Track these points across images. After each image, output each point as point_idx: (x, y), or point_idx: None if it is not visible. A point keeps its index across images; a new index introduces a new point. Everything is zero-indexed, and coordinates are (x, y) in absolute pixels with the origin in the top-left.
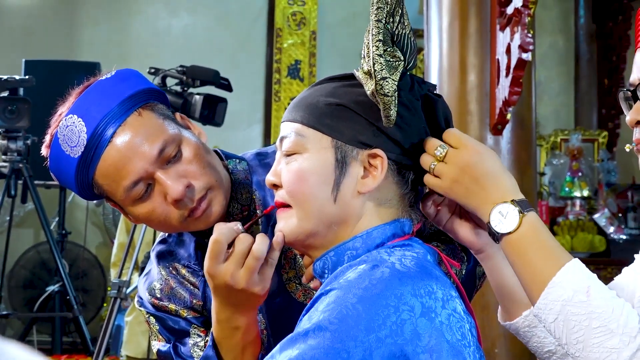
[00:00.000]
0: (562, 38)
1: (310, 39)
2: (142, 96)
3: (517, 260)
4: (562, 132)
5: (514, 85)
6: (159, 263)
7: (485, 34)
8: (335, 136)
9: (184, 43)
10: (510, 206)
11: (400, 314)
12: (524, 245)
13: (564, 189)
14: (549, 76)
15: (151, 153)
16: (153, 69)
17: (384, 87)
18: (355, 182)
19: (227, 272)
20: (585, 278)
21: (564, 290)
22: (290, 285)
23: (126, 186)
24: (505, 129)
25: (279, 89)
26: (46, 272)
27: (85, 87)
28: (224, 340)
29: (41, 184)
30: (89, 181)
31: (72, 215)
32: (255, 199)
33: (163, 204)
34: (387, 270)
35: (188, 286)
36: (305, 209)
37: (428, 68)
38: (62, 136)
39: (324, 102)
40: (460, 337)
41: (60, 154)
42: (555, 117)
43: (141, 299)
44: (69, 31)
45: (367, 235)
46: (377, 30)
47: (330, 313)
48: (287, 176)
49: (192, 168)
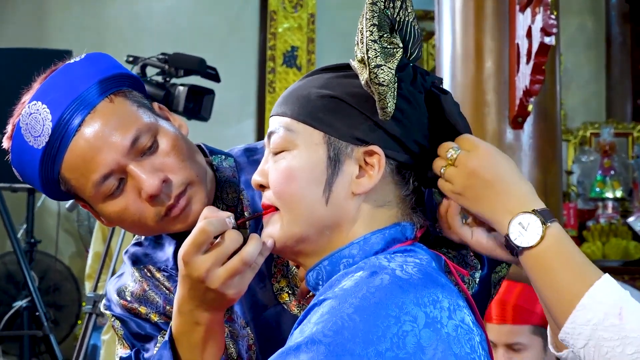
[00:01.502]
0: (591, 19)
1: (308, 22)
2: (115, 81)
3: (541, 277)
4: (592, 126)
5: (535, 73)
6: (133, 265)
7: (503, 15)
8: (328, 131)
9: (166, 28)
10: (531, 216)
11: (402, 325)
12: (547, 260)
13: (595, 189)
14: (577, 62)
15: (123, 143)
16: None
17: (378, 75)
18: (350, 182)
19: (203, 266)
20: (617, 298)
21: (594, 313)
22: (282, 295)
23: (95, 180)
24: (527, 122)
25: (273, 79)
26: (13, 286)
27: (52, 72)
28: (183, 335)
29: (7, 187)
30: (55, 176)
31: (42, 222)
32: (243, 199)
33: (137, 201)
34: (386, 278)
35: (163, 290)
36: (294, 211)
37: (440, 54)
38: (25, 125)
39: (316, 94)
40: (469, 350)
41: (22, 145)
42: (584, 109)
43: (109, 301)
44: (38, 16)
45: (364, 241)
46: (372, 14)
47: (325, 325)
48: (274, 176)
49: (170, 161)
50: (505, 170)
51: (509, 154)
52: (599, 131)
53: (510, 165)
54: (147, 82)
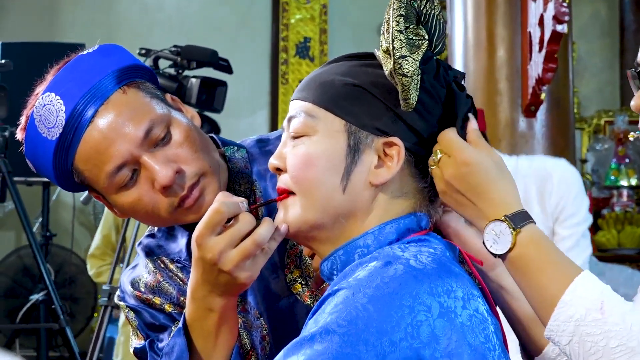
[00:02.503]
0: (604, 6)
1: (320, 13)
2: (128, 73)
3: (521, 280)
4: (606, 114)
5: (548, 61)
6: (147, 256)
7: (515, 3)
8: (349, 120)
9: (178, 20)
10: (502, 224)
11: (416, 315)
12: (524, 264)
13: (609, 178)
14: (591, 50)
15: (136, 134)
16: (144, 49)
17: (402, 66)
18: (368, 172)
19: (217, 247)
20: (597, 293)
21: (575, 309)
22: (296, 286)
23: (109, 171)
24: (539, 110)
25: (286, 70)
26: (29, 279)
27: (65, 63)
28: (196, 322)
29: (22, 181)
30: (69, 167)
31: (57, 215)
32: (256, 191)
33: (150, 192)
34: (400, 267)
35: (177, 281)
36: (310, 197)
37: (452, 42)
38: (39, 116)
39: (339, 81)
40: (483, 339)
41: (36, 136)
42: (598, 97)
43: (123, 292)
44: (50, 10)
45: (379, 231)
46: (399, 5)
47: (339, 315)
48: (292, 160)
49: (183, 152)
50: (479, 178)
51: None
52: (613, 119)
53: (485, 167)
54: (159, 75)
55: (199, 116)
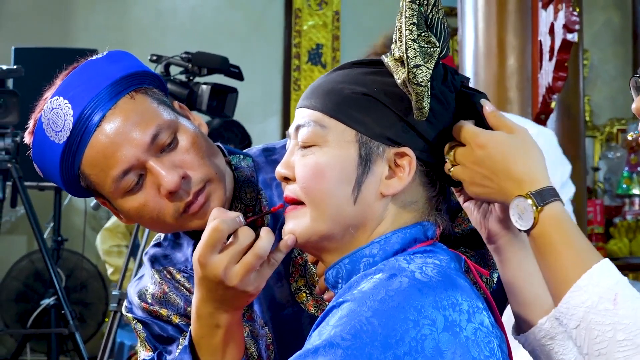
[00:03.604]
0: (617, 14)
1: (333, 20)
2: (136, 79)
3: (541, 258)
4: (619, 122)
5: (558, 70)
6: (153, 266)
7: (526, 11)
8: (360, 130)
9: (191, 27)
10: (526, 201)
11: (421, 329)
12: (545, 243)
13: (621, 186)
14: (603, 58)
15: (143, 139)
16: (155, 56)
17: (417, 75)
18: (379, 183)
19: (220, 265)
20: (613, 283)
21: (588, 296)
22: (300, 295)
23: (115, 176)
24: (550, 119)
25: (298, 77)
26: (41, 284)
27: (74, 68)
28: (203, 339)
29: (34, 185)
30: (75, 171)
31: (69, 220)
32: (262, 199)
33: (156, 197)
34: (405, 280)
35: (183, 292)
36: (321, 208)
37: (462, 51)
38: (47, 120)
39: (348, 90)
40: (488, 353)
41: (44, 140)
42: (610, 105)
43: (130, 303)
44: (63, 15)
45: (385, 241)
46: (411, 13)
47: (343, 328)
48: (302, 171)
49: (189, 158)
50: (498, 156)
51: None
52: (626, 127)
53: (503, 146)
54: (170, 81)
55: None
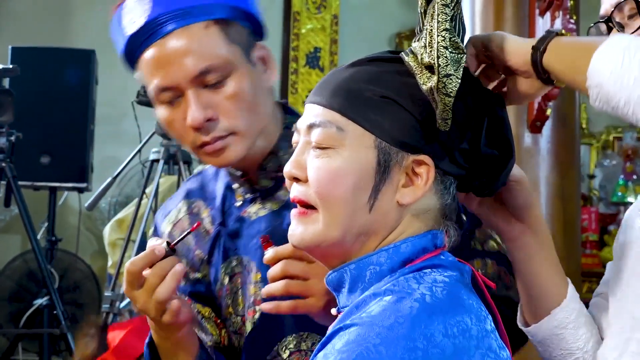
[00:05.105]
0: None
1: (331, 23)
2: (224, 10)
3: (558, 69)
4: (615, 130)
5: None
6: (185, 197)
7: (523, 19)
8: (379, 135)
9: None
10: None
11: (429, 358)
12: (562, 45)
13: (617, 194)
14: None
15: (191, 70)
16: None
17: (447, 85)
18: (396, 191)
19: (141, 300)
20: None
21: (620, 40)
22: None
23: (155, 86)
24: (545, 126)
25: (296, 80)
26: (34, 284)
27: None
28: (157, 341)
29: (29, 185)
30: (135, 60)
31: (63, 220)
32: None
33: (182, 122)
34: (416, 306)
35: (200, 231)
36: (334, 215)
37: None
38: (127, 8)
39: (367, 90)
40: None
41: (119, 22)
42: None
43: (156, 227)
44: (61, 15)
45: (394, 250)
46: (445, 17)
47: (349, 354)
48: (317, 174)
49: (226, 104)
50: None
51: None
52: (621, 135)
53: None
54: None
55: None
